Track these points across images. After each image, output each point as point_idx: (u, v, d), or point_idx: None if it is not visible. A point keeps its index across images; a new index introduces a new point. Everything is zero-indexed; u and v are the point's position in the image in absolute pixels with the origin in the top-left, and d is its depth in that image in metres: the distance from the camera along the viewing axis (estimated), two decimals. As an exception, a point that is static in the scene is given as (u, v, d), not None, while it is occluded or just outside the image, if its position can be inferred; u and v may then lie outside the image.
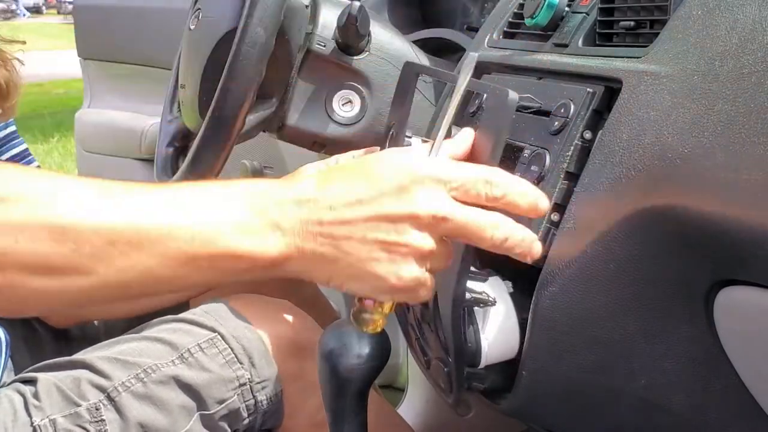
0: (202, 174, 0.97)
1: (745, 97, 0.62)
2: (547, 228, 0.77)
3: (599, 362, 0.78)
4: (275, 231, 0.67)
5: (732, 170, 0.61)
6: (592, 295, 0.73)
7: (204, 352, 0.92)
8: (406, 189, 0.66)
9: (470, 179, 0.68)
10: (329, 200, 0.67)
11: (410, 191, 0.66)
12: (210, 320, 0.94)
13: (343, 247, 0.67)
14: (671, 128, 0.67)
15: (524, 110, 0.85)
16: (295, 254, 0.67)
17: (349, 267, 0.67)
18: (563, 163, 0.77)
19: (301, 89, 1.09)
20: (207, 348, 0.92)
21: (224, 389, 0.91)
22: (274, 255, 0.67)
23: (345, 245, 0.67)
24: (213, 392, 0.91)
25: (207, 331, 0.93)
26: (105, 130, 2.30)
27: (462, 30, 1.29)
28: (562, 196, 0.76)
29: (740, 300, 0.67)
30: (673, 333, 0.73)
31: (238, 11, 0.96)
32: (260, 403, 0.94)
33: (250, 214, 0.67)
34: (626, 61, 0.75)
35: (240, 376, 0.92)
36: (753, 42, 0.64)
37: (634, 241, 0.70)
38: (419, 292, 0.69)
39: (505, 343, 0.78)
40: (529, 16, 0.88)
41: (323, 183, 0.69)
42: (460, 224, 0.67)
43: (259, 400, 0.94)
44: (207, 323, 0.94)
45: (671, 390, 0.77)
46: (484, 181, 0.68)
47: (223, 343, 0.92)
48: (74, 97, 6.63)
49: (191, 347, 0.91)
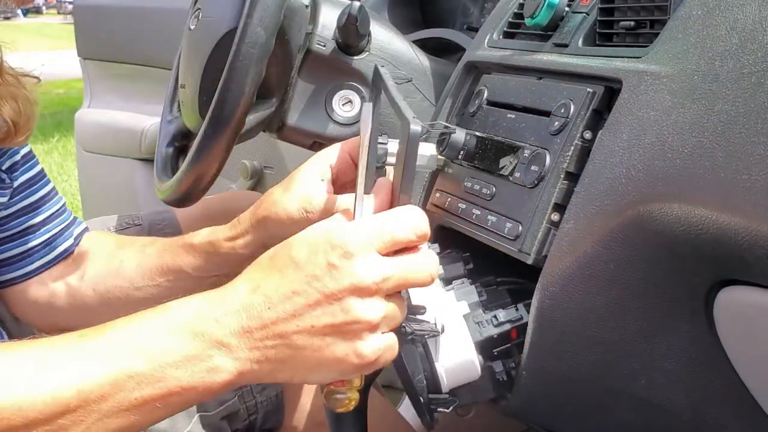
0: (202, 174, 0.97)
1: (745, 97, 0.62)
2: (547, 228, 0.77)
3: (599, 362, 0.78)
4: (221, 350, 0.65)
5: (732, 170, 0.61)
6: (592, 295, 0.73)
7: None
8: (336, 265, 0.65)
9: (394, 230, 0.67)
10: (265, 300, 0.65)
11: (342, 266, 0.65)
12: None
13: (295, 343, 0.65)
14: (671, 128, 0.67)
15: (524, 111, 0.85)
16: (248, 367, 0.66)
17: (306, 360, 0.66)
18: (563, 163, 0.77)
19: (301, 89, 1.09)
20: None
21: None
22: (226, 377, 0.66)
23: (296, 340, 0.65)
24: None
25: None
26: (105, 130, 2.30)
27: (462, 30, 1.29)
28: (562, 196, 0.76)
29: (740, 300, 0.67)
30: (673, 333, 0.73)
31: (238, 11, 0.96)
32: (260, 404, 0.94)
33: (192, 342, 0.65)
34: (626, 61, 0.75)
35: None
36: (753, 42, 0.64)
37: (634, 241, 0.70)
38: (386, 356, 0.68)
39: (463, 367, 0.77)
40: (529, 16, 0.88)
41: (254, 284, 0.67)
42: (402, 277, 0.67)
43: (259, 401, 0.94)
44: None
45: (671, 390, 0.77)
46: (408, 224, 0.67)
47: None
48: (74, 97, 6.63)
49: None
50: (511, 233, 0.79)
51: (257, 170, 1.88)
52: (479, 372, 0.79)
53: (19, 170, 1.04)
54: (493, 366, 0.81)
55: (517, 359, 0.82)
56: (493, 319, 0.80)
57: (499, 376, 0.81)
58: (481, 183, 0.86)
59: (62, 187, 4.57)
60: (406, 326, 0.73)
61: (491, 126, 0.88)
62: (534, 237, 0.77)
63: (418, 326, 0.74)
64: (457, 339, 0.77)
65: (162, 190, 1.05)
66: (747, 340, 0.70)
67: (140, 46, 2.19)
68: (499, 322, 0.80)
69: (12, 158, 1.02)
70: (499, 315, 0.81)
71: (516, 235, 0.79)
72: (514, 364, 0.81)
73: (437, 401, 0.78)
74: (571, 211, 0.74)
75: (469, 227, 0.86)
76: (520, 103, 0.86)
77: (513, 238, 0.79)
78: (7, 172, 1.02)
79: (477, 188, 0.86)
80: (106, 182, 2.29)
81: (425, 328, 0.75)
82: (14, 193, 1.03)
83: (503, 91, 0.90)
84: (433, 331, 0.75)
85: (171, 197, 1.03)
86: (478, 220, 0.85)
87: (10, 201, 1.02)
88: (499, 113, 0.88)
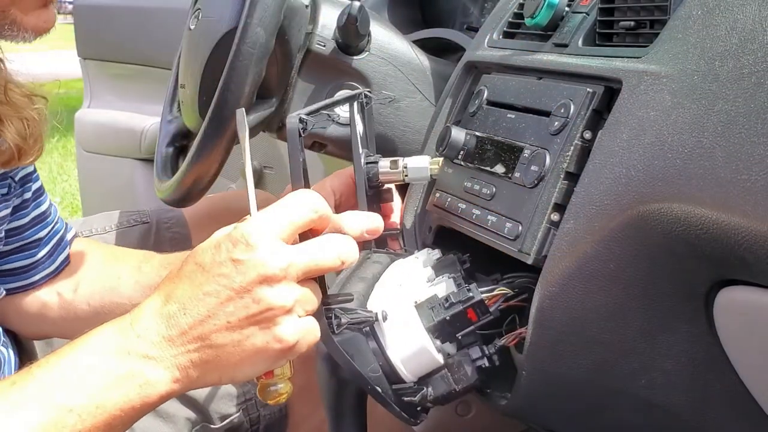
0: (202, 174, 0.97)
1: (745, 97, 0.62)
2: (547, 228, 0.77)
3: (599, 362, 0.78)
4: (149, 363, 0.66)
5: (732, 170, 0.61)
6: (592, 295, 0.73)
7: None
8: (240, 260, 0.66)
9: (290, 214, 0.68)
10: (179, 307, 0.67)
11: (245, 259, 0.66)
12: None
13: (216, 342, 0.66)
14: (671, 128, 0.67)
15: (524, 111, 0.85)
16: (178, 375, 0.67)
17: (230, 357, 0.67)
18: (563, 163, 0.77)
19: (301, 89, 1.09)
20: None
21: (229, 404, 0.91)
22: (161, 389, 0.67)
23: (216, 339, 0.66)
24: (218, 407, 0.91)
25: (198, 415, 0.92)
26: (105, 130, 2.29)
27: (462, 30, 1.29)
28: (562, 196, 0.76)
29: (740, 300, 0.67)
30: (673, 333, 0.73)
31: (238, 11, 0.96)
32: (263, 417, 0.94)
33: (120, 361, 0.66)
34: (626, 61, 0.75)
35: (246, 391, 0.92)
36: (753, 42, 0.64)
37: (634, 241, 0.70)
38: (308, 339, 0.69)
39: (418, 354, 0.77)
40: (529, 16, 0.88)
41: (167, 295, 0.68)
42: (309, 262, 0.68)
43: (262, 415, 0.94)
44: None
45: (671, 390, 0.77)
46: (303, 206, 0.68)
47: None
48: (74, 97, 6.62)
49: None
50: (511, 233, 0.79)
51: (257, 170, 1.87)
52: (439, 358, 0.78)
53: (32, 180, 1.03)
54: (469, 353, 0.81)
55: (497, 345, 0.81)
56: (444, 302, 0.80)
57: (480, 363, 0.81)
58: (481, 183, 0.86)
59: (62, 187, 4.57)
60: (340, 317, 0.73)
61: (491, 126, 0.88)
62: (534, 237, 0.77)
63: (352, 316, 0.75)
64: (406, 326, 0.77)
65: (162, 190, 1.05)
66: (747, 340, 0.70)
67: (140, 46, 2.19)
68: (450, 304, 0.79)
69: (26, 169, 1.01)
70: (450, 297, 0.80)
71: (516, 235, 0.79)
72: (493, 349, 0.81)
73: (403, 391, 0.78)
74: (571, 211, 0.74)
75: (469, 227, 0.86)
76: (520, 103, 0.86)
77: (513, 238, 0.79)
78: (20, 182, 1.01)
79: (477, 188, 0.86)
80: (106, 182, 2.29)
81: (360, 317, 0.75)
82: (27, 204, 1.02)
83: (503, 91, 0.90)
84: (368, 319, 0.75)
85: (171, 197, 1.03)
86: (478, 220, 0.84)
87: (24, 211, 1.02)
88: (499, 113, 0.88)
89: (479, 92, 0.93)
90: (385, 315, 0.77)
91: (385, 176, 0.94)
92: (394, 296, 0.80)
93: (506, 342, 0.81)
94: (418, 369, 0.78)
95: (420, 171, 0.93)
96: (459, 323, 0.79)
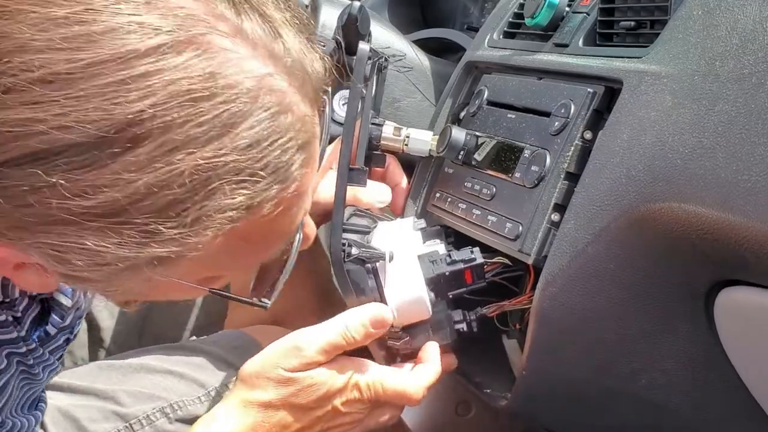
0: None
1: (745, 97, 0.62)
2: (548, 228, 0.76)
3: (599, 362, 0.78)
4: None
5: (733, 170, 0.61)
6: (592, 295, 0.73)
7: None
8: (340, 410, 0.77)
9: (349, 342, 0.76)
10: None
11: (339, 408, 0.76)
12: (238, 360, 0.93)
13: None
14: (672, 128, 0.67)
15: (525, 111, 0.85)
16: None
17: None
18: (564, 164, 0.77)
19: (301, 89, 1.09)
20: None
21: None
22: None
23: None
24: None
25: (234, 371, 0.92)
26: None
27: (462, 30, 1.29)
28: (563, 196, 0.76)
29: (741, 300, 0.67)
30: (673, 333, 0.73)
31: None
32: None
33: None
34: (627, 61, 0.75)
35: None
36: (754, 42, 0.64)
37: (635, 242, 0.70)
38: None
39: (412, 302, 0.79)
40: (529, 16, 0.88)
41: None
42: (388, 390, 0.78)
43: None
44: (235, 363, 0.93)
45: (671, 390, 0.77)
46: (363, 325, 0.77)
47: None
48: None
49: (218, 386, 0.91)
50: (512, 233, 0.79)
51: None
52: (429, 310, 0.80)
53: None
54: (452, 314, 0.83)
55: (478, 312, 0.83)
56: (447, 257, 0.82)
57: (459, 327, 0.83)
58: (482, 183, 0.86)
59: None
60: (352, 247, 0.75)
61: (491, 126, 0.88)
62: (534, 237, 0.77)
63: (363, 249, 0.77)
64: (407, 273, 0.79)
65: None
66: (747, 340, 0.70)
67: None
68: (452, 261, 0.81)
69: None
70: (454, 254, 0.82)
71: (516, 235, 0.79)
72: (474, 316, 0.83)
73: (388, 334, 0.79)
74: (571, 212, 0.74)
75: (470, 227, 0.86)
76: (520, 103, 0.86)
77: (513, 238, 0.79)
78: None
79: (477, 188, 0.86)
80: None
81: (371, 253, 0.77)
82: None
83: (503, 91, 0.90)
84: (379, 256, 0.77)
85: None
86: (478, 220, 0.84)
87: None
88: (500, 113, 0.88)
89: (479, 92, 0.93)
90: (391, 256, 0.78)
91: (386, 141, 0.95)
92: (399, 240, 0.81)
93: (488, 312, 0.83)
94: (408, 316, 0.80)
95: (420, 143, 0.94)
96: (455, 282, 0.81)
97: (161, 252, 0.54)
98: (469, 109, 0.94)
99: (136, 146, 0.50)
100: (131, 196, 0.51)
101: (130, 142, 0.50)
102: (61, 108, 0.49)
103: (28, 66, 0.48)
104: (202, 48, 0.52)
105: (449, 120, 0.99)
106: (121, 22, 0.50)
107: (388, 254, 0.78)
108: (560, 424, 0.92)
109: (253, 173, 0.54)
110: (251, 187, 0.55)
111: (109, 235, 0.52)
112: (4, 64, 0.48)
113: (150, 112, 0.50)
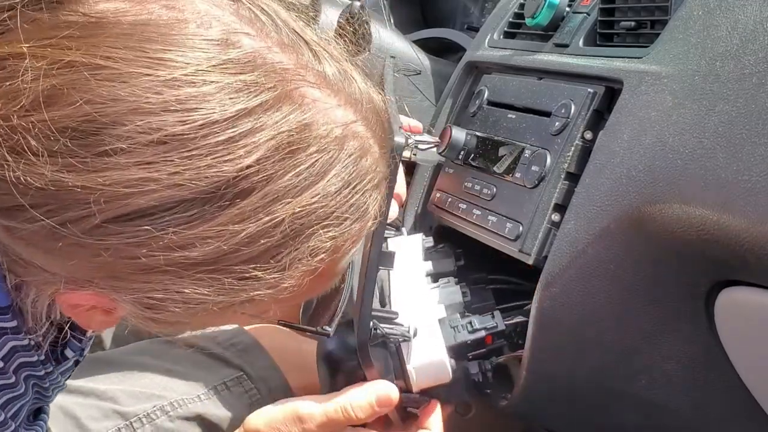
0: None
1: (746, 97, 0.62)
2: (548, 228, 0.76)
3: (600, 362, 0.78)
4: None
5: (733, 171, 0.61)
6: (592, 295, 0.73)
7: (230, 390, 0.92)
8: None
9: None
10: None
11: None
12: (237, 358, 0.94)
13: None
14: (672, 128, 0.67)
15: (525, 111, 0.85)
16: None
17: None
18: (564, 164, 0.77)
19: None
20: (233, 387, 0.92)
21: None
22: None
23: None
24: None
25: (233, 369, 0.93)
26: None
27: (462, 30, 1.29)
28: (563, 196, 0.76)
29: (741, 300, 0.67)
30: (673, 333, 0.73)
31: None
32: None
33: None
34: (627, 62, 0.75)
35: None
36: (754, 42, 0.64)
37: (635, 242, 0.70)
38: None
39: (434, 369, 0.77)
40: (529, 16, 0.88)
41: None
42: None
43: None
44: (234, 361, 0.93)
45: (671, 390, 0.77)
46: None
47: (249, 383, 0.93)
48: (73, 96, 6.60)
49: (218, 385, 0.91)
50: (512, 233, 0.79)
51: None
52: (450, 375, 0.79)
53: None
54: (468, 367, 0.82)
55: (494, 362, 0.82)
56: (468, 325, 0.81)
57: (475, 377, 0.82)
58: (482, 183, 0.86)
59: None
60: (378, 329, 0.74)
61: (492, 126, 0.88)
62: (534, 237, 0.77)
63: (390, 329, 0.75)
64: (429, 342, 0.77)
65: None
66: (747, 340, 0.70)
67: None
68: (474, 329, 0.81)
69: None
70: (475, 322, 0.81)
71: (516, 235, 0.79)
72: (489, 366, 0.82)
73: (408, 400, 0.78)
74: (571, 212, 0.74)
75: (470, 227, 0.86)
76: (520, 104, 0.86)
77: (513, 239, 0.79)
78: None
79: (477, 188, 0.86)
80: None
81: (397, 331, 0.76)
82: None
83: (504, 91, 0.90)
84: (405, 335, 0.76)
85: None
86: (478, 220, 0.84)
87: None
88: (500, 113, 0.88)
89: (480, 92, 0.93)
90: (415, 332, 0.77)
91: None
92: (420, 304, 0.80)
93: (504, 360, 0.83)
94: (427, 381, 0.78)
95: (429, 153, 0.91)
96: (475, 346, 0.81)
97: (257, 295, 0.56)
98: (469, 109, 0.94)
99: (242, 199, 0.52)
100: (234, 246, 0.53)
101: (237, 196, 0.52)
102: (175, 167, 0.50)
103: (143, 128, 0.49)
104: (297, 102, 0.54)
105: (449, 120, 0.99)
106: (230, 81, 0.51)
107: (413, 332, 0.77)
108: (560, 424, 0.92)
109: (340, 215, 0.57)
110: (338, 228, 0.57)
111: (209, 283, 0.54)
112: (119, 127, 0.49)
113: (256, 167, 0.52)
